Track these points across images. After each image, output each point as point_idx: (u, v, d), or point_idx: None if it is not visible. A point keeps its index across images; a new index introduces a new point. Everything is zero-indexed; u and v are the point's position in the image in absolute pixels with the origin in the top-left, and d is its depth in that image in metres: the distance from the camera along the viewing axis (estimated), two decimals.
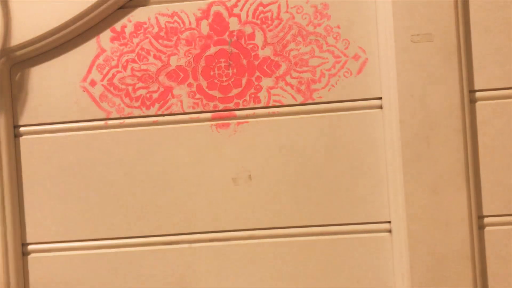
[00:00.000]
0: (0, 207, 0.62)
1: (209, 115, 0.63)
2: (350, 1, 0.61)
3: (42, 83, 0.64)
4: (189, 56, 0.63)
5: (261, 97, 0.62)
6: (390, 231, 0.61)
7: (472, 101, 0.60)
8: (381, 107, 0.61)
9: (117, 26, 0.63)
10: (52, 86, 0.64)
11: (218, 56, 0.62)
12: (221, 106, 0.63)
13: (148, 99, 0.63)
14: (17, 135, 0.64)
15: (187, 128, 0.63)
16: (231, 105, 0.62)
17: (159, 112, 0.63)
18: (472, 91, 0.60)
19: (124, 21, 0.63)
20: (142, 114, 0.63)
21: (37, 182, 0.64)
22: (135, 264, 0.63)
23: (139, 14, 0.63)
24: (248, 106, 0.62)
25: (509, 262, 0.60)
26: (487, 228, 0.60)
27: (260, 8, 0.62)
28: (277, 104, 0.62)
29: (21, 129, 0.64)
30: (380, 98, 0.61)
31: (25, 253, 0.64)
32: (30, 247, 0.64)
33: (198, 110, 0.63)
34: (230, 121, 0.62)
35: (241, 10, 0.62)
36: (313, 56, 0.62)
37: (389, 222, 0.61)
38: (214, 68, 0.62)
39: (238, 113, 0.62)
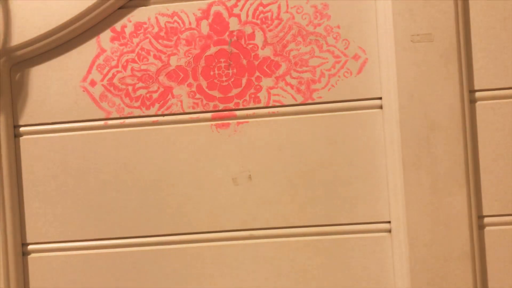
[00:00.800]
0: (0, 207, 0.62)
1: (209, 115, 0.63)
2: (350, 1, 0.61)
3: (42, 83, 0.64)
4: (189, 56, 0.63)
5: (261, 97, 0.62)
6: (390, 231, 0.61)
7: (472, 101, 0.60)
8: (381, 107, 0.61)
9: (117, 26, 0.63)
10: (52, 86, 0.64)
11: (218, 56, 0.62)
12: (221, 106, 0.63)
13: (148, 99, 0.63)
14: (17, 135, 0.64)
15: (187, 128, 0.63)
16: (231, 105, 0.62)
17: (159, 112, 0.63)
18: (472, 91, 0.60)
19: (124, 21, 0.63)
20: (142, 114, 0.63)
21: (37, 182, 0.64)
22: (135, 264, 0.63)
23: (139, 14, 0.63)
24: (248, 106, 0.62)
25: (509, 262, 0.60)
26: (487, 228, 0.60)
27: (260, 8, 0.62)
28: (277, 104, 0.62)
29: (21, 129, 0.64)
30: (380, 98, 0.61)
31: (25, 253, 0.64)
32: (30, 247, 0.64)
33: (198, 110, 0.63)
34: (230, 121, 0.62)
35: (241, 10, 0.62)
36: (313, 56, 0.62)
37: (389, 222, 0.61)
38: (214, 68, 0.62)
39: (238, 113, 0.62)
